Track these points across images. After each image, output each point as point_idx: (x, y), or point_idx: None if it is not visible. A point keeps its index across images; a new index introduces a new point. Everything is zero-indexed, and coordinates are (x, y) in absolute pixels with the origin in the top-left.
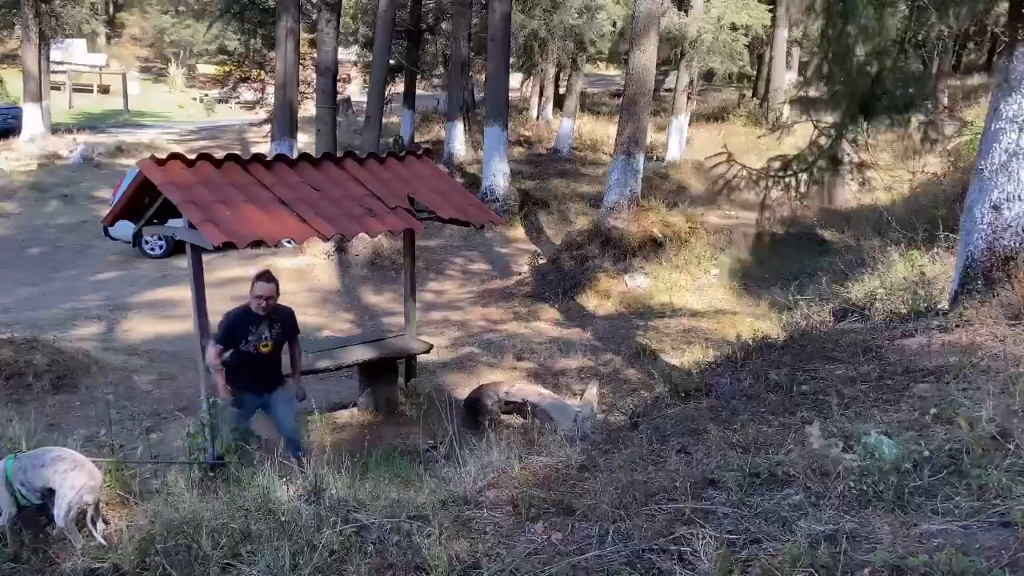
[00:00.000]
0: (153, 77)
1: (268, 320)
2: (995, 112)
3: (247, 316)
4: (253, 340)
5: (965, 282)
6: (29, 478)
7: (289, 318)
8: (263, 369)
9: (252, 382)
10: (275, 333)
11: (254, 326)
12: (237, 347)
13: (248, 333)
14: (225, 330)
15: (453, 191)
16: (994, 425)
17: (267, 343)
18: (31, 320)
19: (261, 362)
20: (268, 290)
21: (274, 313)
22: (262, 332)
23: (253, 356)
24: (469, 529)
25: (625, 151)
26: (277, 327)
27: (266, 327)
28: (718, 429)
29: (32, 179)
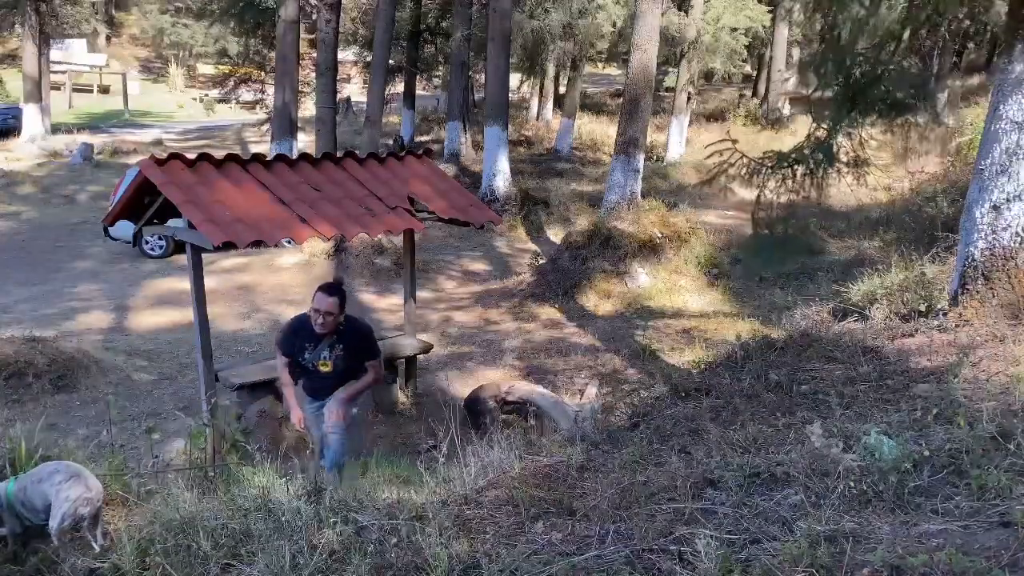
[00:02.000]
0: (153, 77)
1: (329, 339)
2: (995, 112)
3: (303, 328)
4: (308, 358)
5: (965, 282)
6: (28, 496)
7: (360, 339)
8: (327, 385)
9: (316, 394)
10: (335, 355)
11: (311, 343)
12: (296, 359)
13: (304, 349)
14: (282, 339)
15: (453, 191)
16: (994, 425)
17: (326, 363)
18: (31, 320)
19: (324, 379)
20: (327, 304)
21: (338, 334)
22: (320, 351)
23: (314, 373)
24: (469, 529)
25: (625, 151)
26: (339, 349)
27: (326, 347)
28: (718, 429)
29: (32, 179)
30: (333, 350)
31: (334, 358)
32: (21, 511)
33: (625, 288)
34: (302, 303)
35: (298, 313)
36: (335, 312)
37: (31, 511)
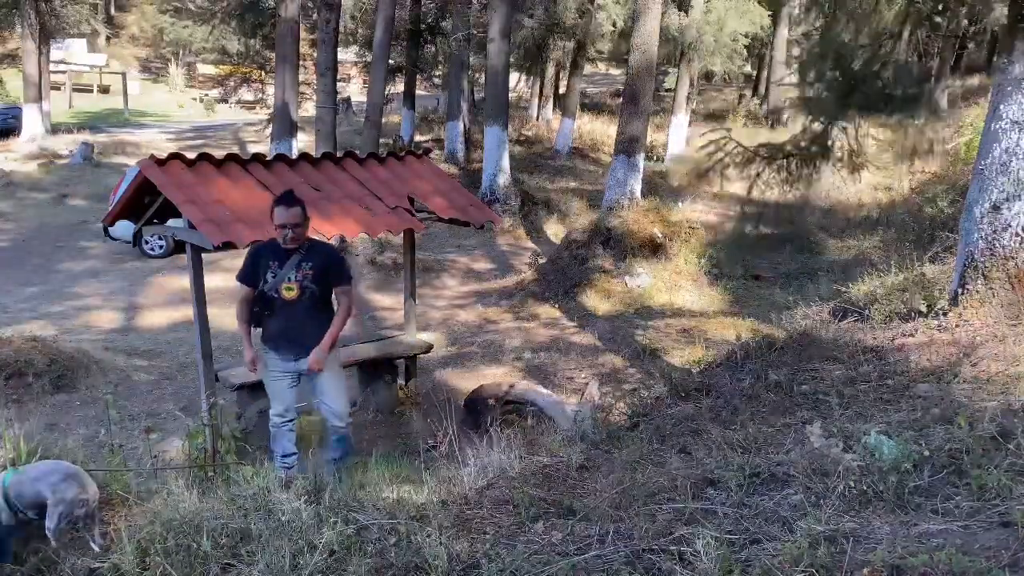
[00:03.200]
0: (153, 77)
1: (296, 256)
2: (995, 112)
3: (266, 249)
4: (272, 281)
5: (965, 282)
6: (22, 490)
7: (328, 256)
8: (293, 323)
9: (279, 340)
10: (303, 275)
11: (272, 261)
12: (260, 289)
13: (267, 270)
14: (245, 263)
15: (453, 191)
16: (994, 425)
17: (291, 286)
18: (31, 319)
19: (290, 314)
20: (288, 216)
21: (306, 249)
22: (286, 272)
23: (278, 304)
24: (469, 529)
25: (625, 151)
26: (307, 267)
27: (291, 265)
28: (718, 429)
29: (32, 179)
30: (300, 269)
31: (301, 279)
32: (15, 503)
33: (625, 287)
34: None
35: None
36: (300, 222)
37: (24, 505)
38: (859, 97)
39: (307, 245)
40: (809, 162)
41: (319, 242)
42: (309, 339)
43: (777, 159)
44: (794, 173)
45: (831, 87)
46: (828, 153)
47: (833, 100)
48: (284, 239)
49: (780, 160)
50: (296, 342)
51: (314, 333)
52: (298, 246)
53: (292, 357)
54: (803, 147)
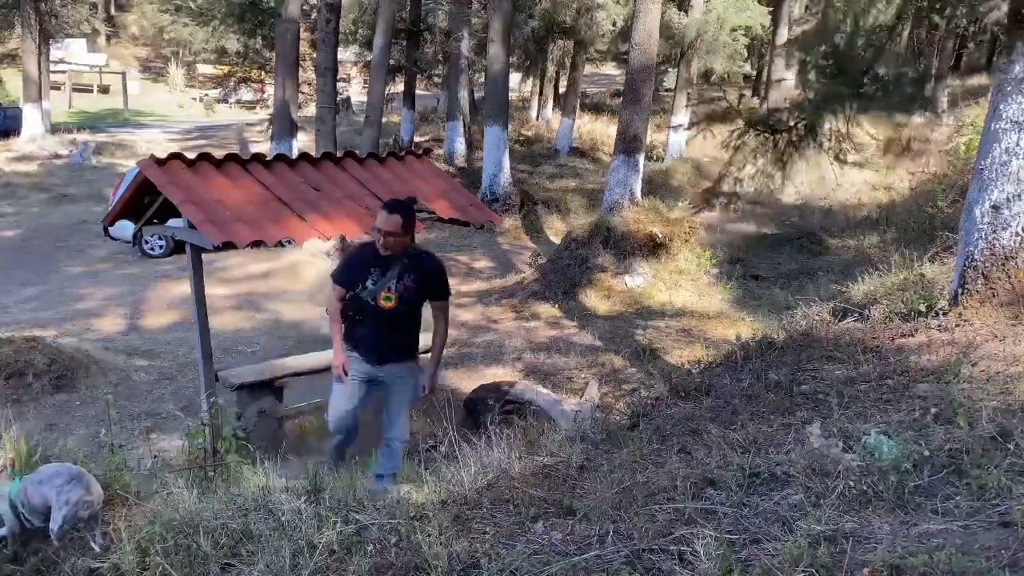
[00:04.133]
0: (153, 77)
1: (398, 266)
2: (995, 112)
3: (368, 254)
4: (371, 288)
5: (965, 282)
6: (29, 497)
7: (433, 270)
8: (384, 332)
9: (364, 344)
10: (404, 287)
11: (374, 267)
12: (355, 293)
13: (367, 277)
14: (341, 268)
15: (453, 191)
16: (994, 425)
17: (390, 295)
18: (31, 320)
19: (382, 321)
20: (387, 222)
21: (409, 259)
22: (387, 280)
23: (372, 311)
24: (469, 529)
25: (625, 150)
26: (409, 278)
27: (393, 275)
28: (718, 429)
29: (32, 179)
30: (402, 280)
31: (401, 290)
32: (22, 512)
33: (625, 287)
34: (303, 303)
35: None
36: (398, 232)
37: (31, 512)
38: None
39: (412, 254)
40: (797, 144)
41: (424, 253)
42: (395, 348)
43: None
44: (779, 150)
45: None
46: (815, 134)
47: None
48: (378, 244)
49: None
50: (381, 349)
51: (401, 343)
52: (401, 255)
53: (374, 361)
54: (791, 125)
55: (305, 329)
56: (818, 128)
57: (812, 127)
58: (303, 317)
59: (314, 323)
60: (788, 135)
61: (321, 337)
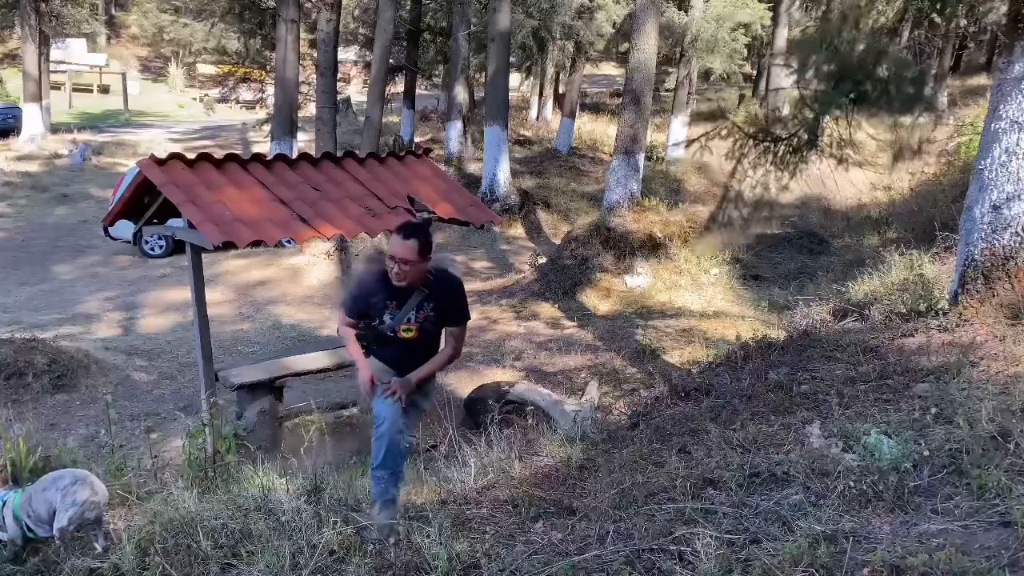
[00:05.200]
0: (153, 77)
1: (416, 294)
2: (995, 112)
3: (381, 284)
4: (390, 321)
5: (965, 282)
6: (35, 508)
7: (453, 297)
8: (405, 356)
9: (389, 366)
10: (424, 316)
11: (391, 300)
12: (373, 326)
13: (382, 309)
14: (352, 297)
15: (453, 191)
16: (994, 425)
17: (410, 327)
18: (31, 320)
19: (400, 348)
20: (403, 250)
21: (428, 285)
22: (406, 312)
23: (391, 340)
24: (469, 529)
25: (625, 150)
26: (429, 308)
27: (411, 307)
28: (718, 429)
29: (32, 179)
30: (421, 310)
31: (421, 320)
32: (27, 522)
33: (625, 287)
34: (303, 304)
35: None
36: (413, 259)
37: (37, 522)
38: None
39: (431, 281)
40: (797, 151)
41: (444, 277)
42: (420, 364)
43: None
44: (780, 158)
45: (826, 78)
46: (816, 141)
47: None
48: (392, 273)
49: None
50: (408, 370)
51: (426, 360)
52: (419, 283)
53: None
54: (791, 132)
55: (304, 330)
56: (819, 134)
57: (813, 134)
58: (300, 320)
59: (313, 324)
60: (789, 143)
61: (321, 338)
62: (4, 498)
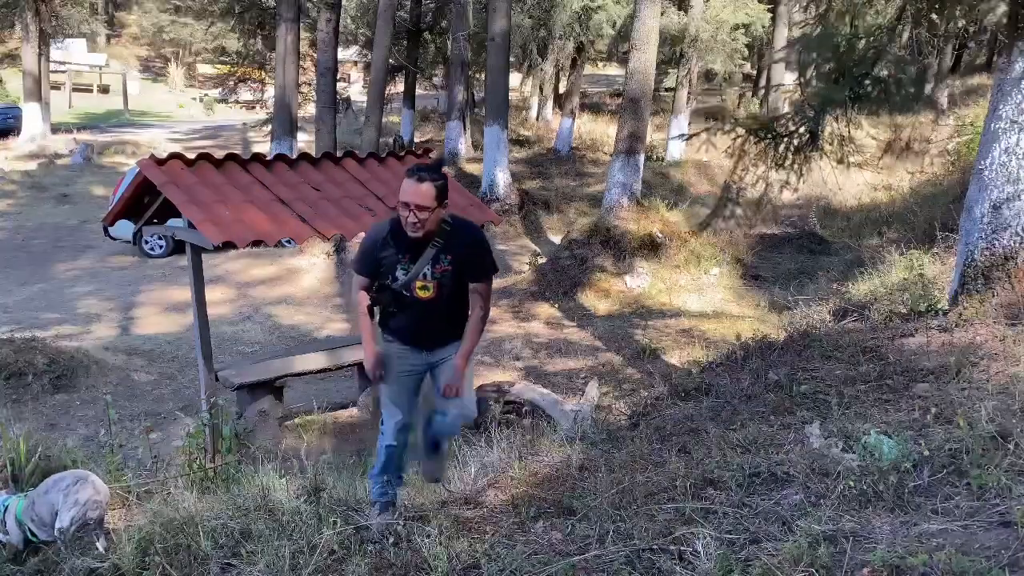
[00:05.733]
0: (152, 77)
1: (432, 246)
2: (995, 112)
3: (395, 237)
4: (403, 277)
5: (965, 282)
6: (37, 511)
7: (473, 245)
8: (425, 322)
9: (408, 335)
10: (442, 271)
11: (403, 253)
12: (386, 285)
13: (394, 264)
14: (362, 252)
15: (453, 191)
16: (994, 425)
17: (426, 285)
18: (31, 320)
19: (422, 312)
20: (419, 194)
21: (444, 235)
22: (420, 267)
23: (407, 301)
24: (469, 529)
25: (625, 150)
26: (446, 261)
27: (427, 260)
28: (718, 429)
29: (32, 179)
30: (437, 264)
31: (439, 276)
32: (29, 527)
33: (625, 287)
34: (302, 304)
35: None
36: (429, 205)
37: (40, 526)
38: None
39: (447, 231)
40: (799, 150)
41: (462, 224)
42: (446, 335)
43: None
44: (780, 156)
45: (826, 76)
46: (816, 139)
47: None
48: (408, 224)
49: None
50: (426, 339)
51: (451, 328)
52: (435, 232)
53: (424, 349)
54: (792, 130)
55: (303, 330)
56: (820, 133)
57: (814, 132)
58: (299, 321)
59: (313, 324)
60: (790, 141)
61: (320, 338)
62: (7, 503)
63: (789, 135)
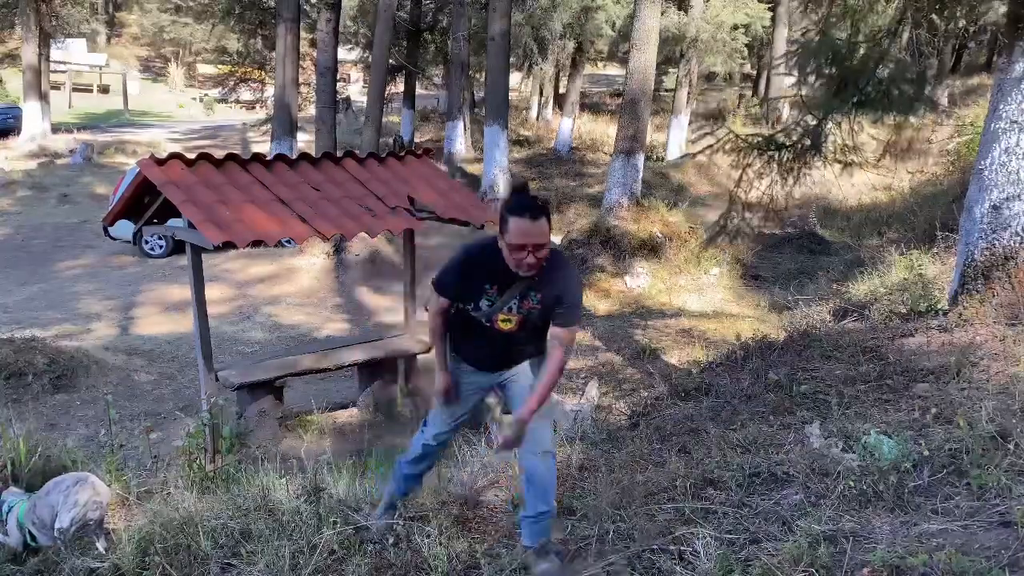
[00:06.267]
0: (153, 76)
1: (524, 283)
2: (995, 112)
3: (488, 263)
4: (486, 308)
5: (965, 282)
6: (38, 514)
7: (566, 283)
8: (501, 351)
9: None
10: (529, 308)
11: (491, 284)
12: (465, 310)
13: (479, 293)
14: (449, 274)
15: (453, 191)
16: (994, 425)
17: (509, 318)
18: (31, 320)
19: (493, 341)
20: (540, 234)
21: (541, 272)
22: (508, 300)
23: (486, 330)
24: (469, 529)
25: (625, 151)
26: (535, 298)
27: (514, 294)
28: (718, 429)
29: (32, 178)
30: (525, 300)
31: (525, 312)
32: (30, 530)
33: (625, 287)
34: (302, 304)
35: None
36: (547, 241)
37: (41, 529)
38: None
39: (544, 266)
40: (800, 157)
41: (558, 260)
42: (522, 358)
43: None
44: (784, 165)
45: (827, 82)
46: (819, 147)
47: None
48: (524, 264)
49: (771, 151)
50: (499, 366)
51: (529, 353)
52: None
53: (493, 372)
54: (795, 140)
55: (303, 330)
56: (822, 140)
57: (816, 139)
58: (298, 320)
59: (313, 324)
60: (793, 150)
61: (320, 337)
62: (11, 504)
63: (792, 144)
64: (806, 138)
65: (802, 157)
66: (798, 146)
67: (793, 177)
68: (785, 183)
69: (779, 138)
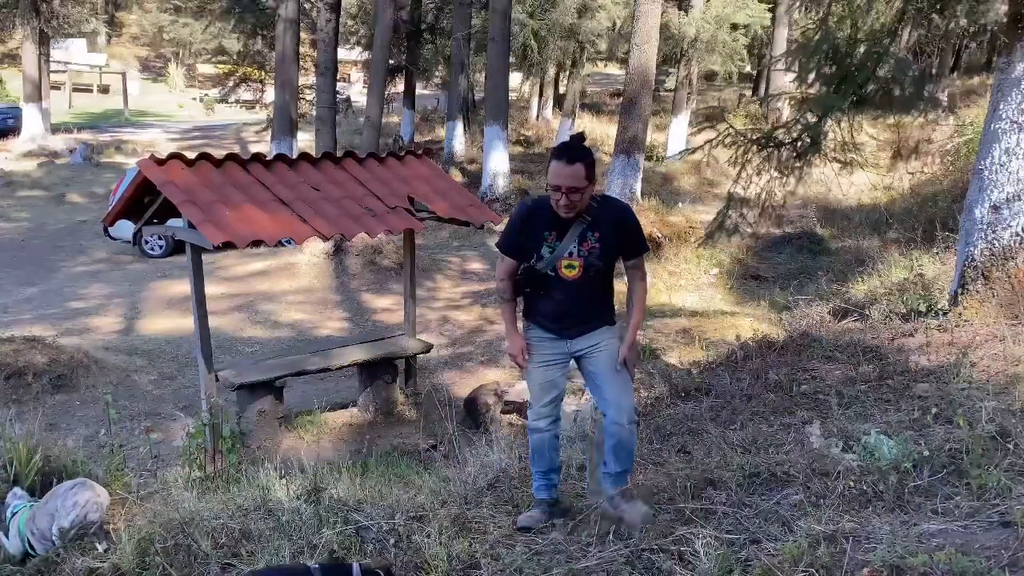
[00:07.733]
0: (152, 77)
1: (580, 224)
2: (995, 112)
3: (541, 213)
4: (548, 256)
5: (965, 282)
6: (38, 524)
7: (622, 222)
8: (571, 304)
9: (552, 321)
10: (589, 248)
11: (550, 231)
12: (529, 264)
13: (540, 242)
14: (509, 229)
15: (453, 191)
16: (994, 425)
17: (572, 263)
18: (31, 320)
19: (567, 293)
20: (566, 176)
21: (591, 212)
22: (567, 245)
23: (552, 282)
24: (469, 529)
25: (625, 151)
26: (593, 238)
27: (574, 236)
28: (718, 429)
29: (32, 179)
30: (584, 241)
31: (586, 254)
32: (30, 539)
33: (624, 287)
34: (302, 304)
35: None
36: (583, 186)
37: (40, 539)
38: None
39: (594, 207)
40: (801, 155)
41: (610, 201)
42: (592, 317)
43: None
44: (784, 163)
45: (827, 81)
46: (819, 145)
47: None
48: (560, 207)
49: (770, 148)
50: (570, 322)
51: (598, 312)
52: (584, 211)
53: (569, 335)
54: (794, 137)
55: (303, 330)
56: (822, 139)
57: (816, 138)
58: (298, 320)
59: (313, 324)
60: (792, 148)
61: (320, 337)
62: (16, 508)
63: (791, 142)
64: (806, 136)
65: (802, 155)
66: (798, 143)
67: (793, 175)
68: (784, 181)
69: (779, 135)
